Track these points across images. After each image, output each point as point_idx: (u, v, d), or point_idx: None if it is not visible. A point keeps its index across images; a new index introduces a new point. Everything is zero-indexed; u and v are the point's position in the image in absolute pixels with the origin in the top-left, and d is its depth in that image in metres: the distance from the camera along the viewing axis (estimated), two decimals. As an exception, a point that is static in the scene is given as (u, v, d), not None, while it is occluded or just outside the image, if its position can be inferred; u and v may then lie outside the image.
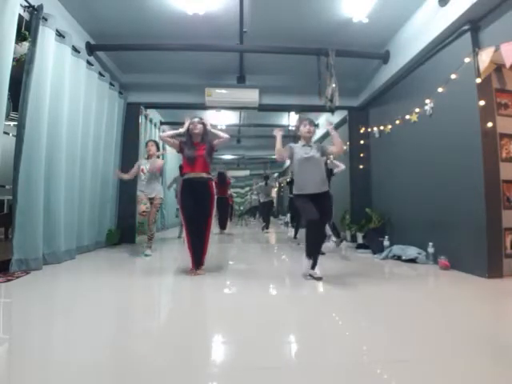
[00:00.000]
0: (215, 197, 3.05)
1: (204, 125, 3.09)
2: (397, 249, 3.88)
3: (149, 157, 4.13)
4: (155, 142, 4.26)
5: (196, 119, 3.08)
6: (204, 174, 2.97)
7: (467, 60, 3.03)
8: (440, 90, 3.41)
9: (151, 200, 4.05)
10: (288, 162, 3.00)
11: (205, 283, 2.69)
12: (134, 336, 1.64)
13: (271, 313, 2.00)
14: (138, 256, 3.97)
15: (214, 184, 3.06)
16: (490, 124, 2.93)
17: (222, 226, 7.47)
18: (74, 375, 1.21)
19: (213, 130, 3.15)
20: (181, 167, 3.92)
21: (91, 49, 4.22)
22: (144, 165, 4.10)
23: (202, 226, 2.95)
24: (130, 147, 5.29)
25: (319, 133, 7.81)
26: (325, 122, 7.51)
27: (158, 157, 4.23)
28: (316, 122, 8.09)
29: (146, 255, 3.92)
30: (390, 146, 4.70)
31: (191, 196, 2.92)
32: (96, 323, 1.77)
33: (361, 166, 5.44)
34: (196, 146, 3.02)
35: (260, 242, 6.32)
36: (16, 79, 2.89)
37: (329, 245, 3.88)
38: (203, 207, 2.94)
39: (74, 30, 3.82)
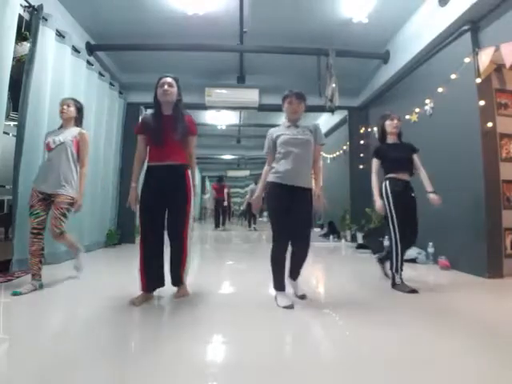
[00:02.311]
0: (192, 192, 2.17)
1: (178, 87, 2.16)
2: (397, 249, 3.87)
3: (63, 125, 2.48)
4: (76, 101, 2.53)
5: (168, 79, 2.14)
6: (177, 162, 2.11)
7: (467, 60, 3.03)
8: (440, 90, 3.41)
9: (51, 198, 2.36)
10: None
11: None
12: (134, 335, 1.64)
13: (269, 313, 2.00)
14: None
15: (190, 174, 2.20)
16: (490, 124, 2.94)
17: (223, 222, 8.82)
18: (73, 375, 1.21)
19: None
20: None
21: (91, 49, 4.23)
22: (53, 136, 2.41)
23: (177, 232, 2.13)
24: (130, 147, 5.26)
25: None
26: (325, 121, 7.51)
27: (77, 124, 2.51)
28: (316, 122, 8.09)
29: (15, 293, 2.13)
30: (390, 146, 4.69)
31: (157, 192, 2.08)
32: (96, 323, 1.77)
33: (361, 166, 5.44)
34: (166, 119, 2.11)
35: (257, 241, 6.31)
36: (16, 79, 2.89)
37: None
38: (176, 207, 2.12)
39: (74, 30, 3.82)
